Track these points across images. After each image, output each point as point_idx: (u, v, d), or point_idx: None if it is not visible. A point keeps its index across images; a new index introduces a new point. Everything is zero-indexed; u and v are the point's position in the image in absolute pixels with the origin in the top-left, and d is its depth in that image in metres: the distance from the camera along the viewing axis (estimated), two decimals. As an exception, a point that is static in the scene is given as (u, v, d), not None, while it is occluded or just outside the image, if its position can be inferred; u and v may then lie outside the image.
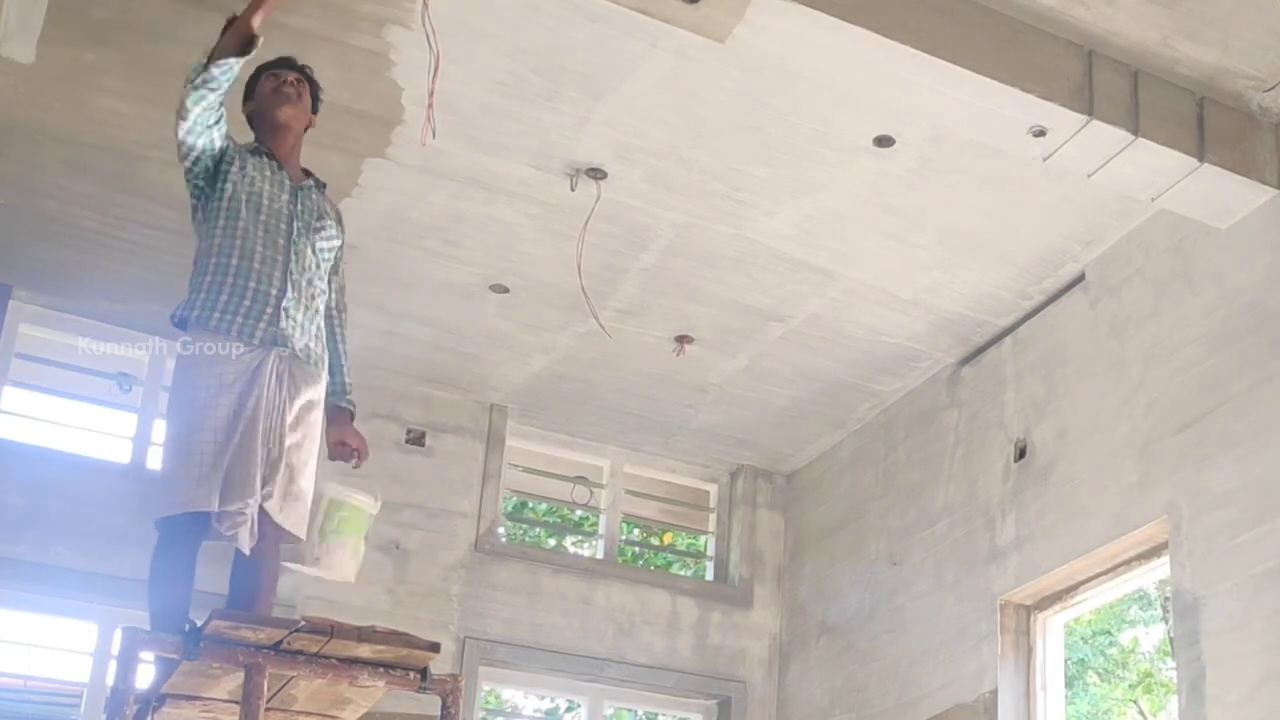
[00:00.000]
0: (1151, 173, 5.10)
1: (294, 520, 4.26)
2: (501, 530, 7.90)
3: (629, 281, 6.42)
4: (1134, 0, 4.71)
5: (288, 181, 4.40)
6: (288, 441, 4.19)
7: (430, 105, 4.66)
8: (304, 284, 4.31)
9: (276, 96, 4.45)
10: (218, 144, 4.27)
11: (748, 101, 5.21)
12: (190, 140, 4.22)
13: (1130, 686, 12.49)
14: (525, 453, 7.89)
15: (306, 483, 4.29)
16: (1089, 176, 5.15)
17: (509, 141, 5.48)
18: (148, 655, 4.03)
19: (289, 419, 4.21)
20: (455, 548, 7.37)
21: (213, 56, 4.16)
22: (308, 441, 4.29)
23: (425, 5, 4.64)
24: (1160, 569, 5.63)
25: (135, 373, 7.10)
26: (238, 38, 4.18)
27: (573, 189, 5.73)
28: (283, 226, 4.31)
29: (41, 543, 6.50)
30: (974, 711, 6.18)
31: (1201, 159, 5.03)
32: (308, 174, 4.53)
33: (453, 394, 7.53)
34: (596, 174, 5.66)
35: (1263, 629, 4.85)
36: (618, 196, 5.79)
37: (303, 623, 3.92)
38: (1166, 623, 11.69)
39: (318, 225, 4.43)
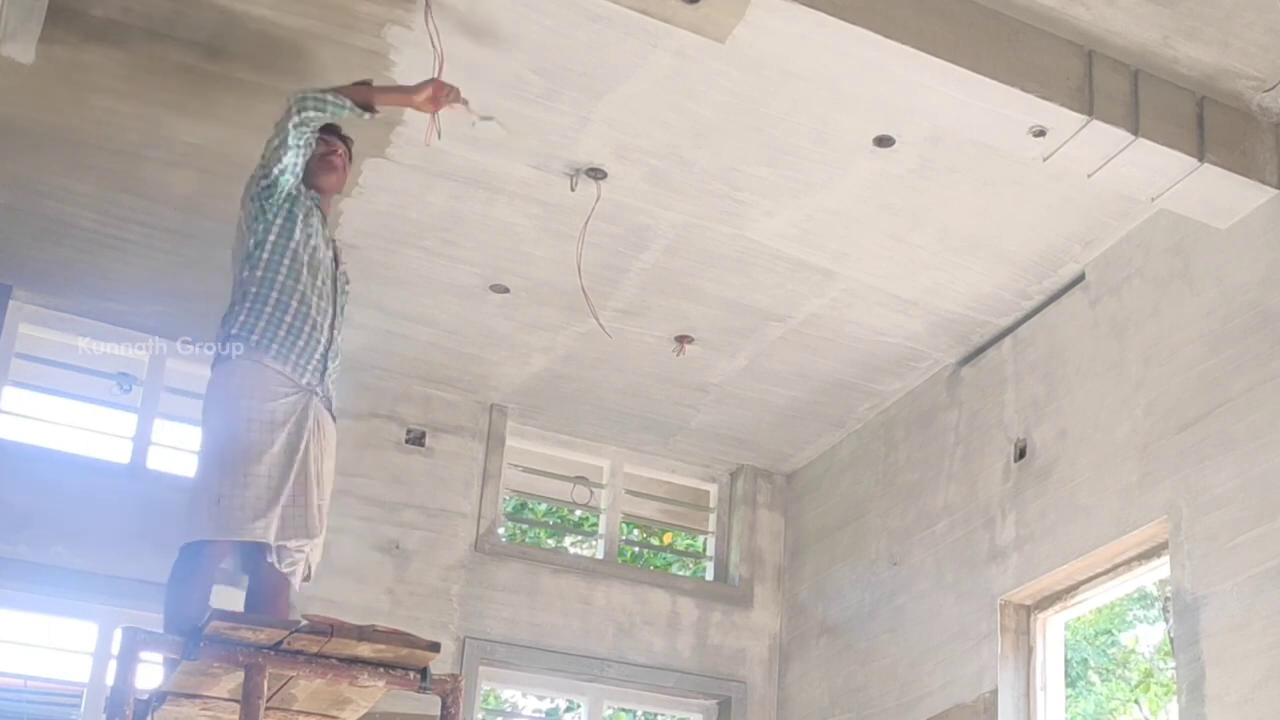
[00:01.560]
0: (1151, 173, 5.10)
1: (315, 564, 4.51)
2: (501, 530, 7.89)
3: (629, 281, 6.42)
4: (1134, 0, 4.71)
5: (334, 243, 4.67)
6: (327, 490, 4.43)
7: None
8: (339, 340, 4.57)
9: (325, 165, 4.66)
10: (298, 170, 4.46)
11: (747, 101, 5.20)
12: (283, 159, 4.39)
13: (1131, 687, 12.49)
14: (525, 453, 7.89)
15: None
16: (1089, 176, 5.16)
17: (509, 141, 5.48)
18: (154, 656, 4.05)
19: (328, 467, 4.45)
20: (455, 548, 7.37)
21: (333, 90, 4.41)
22: (330, 491, 4.53)
23: (428, 6, 4.66)
24: (1160, 569, 5.63)
25: (135, 373, 7.09)
26: (364, 96, 4.46)
27: (573, 189, 5.73)
28: (330, 283, 4.56)
29: (41, 543, 6.49)
30: (974, 711, 6.18)
31: (1201, 159, 5.03)
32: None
33: (453, 394, 7.53)
34: (596, 174, 5.66)
35: (1263, 629, 4.85)
36: (618, 196, 5.79)
37: (303, 622, 3.92)
38: (1167, 622, 11.69)
39: (346, 287, 4.73)
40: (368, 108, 4.48)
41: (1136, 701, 12.49)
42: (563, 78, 5.12)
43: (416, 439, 7.45)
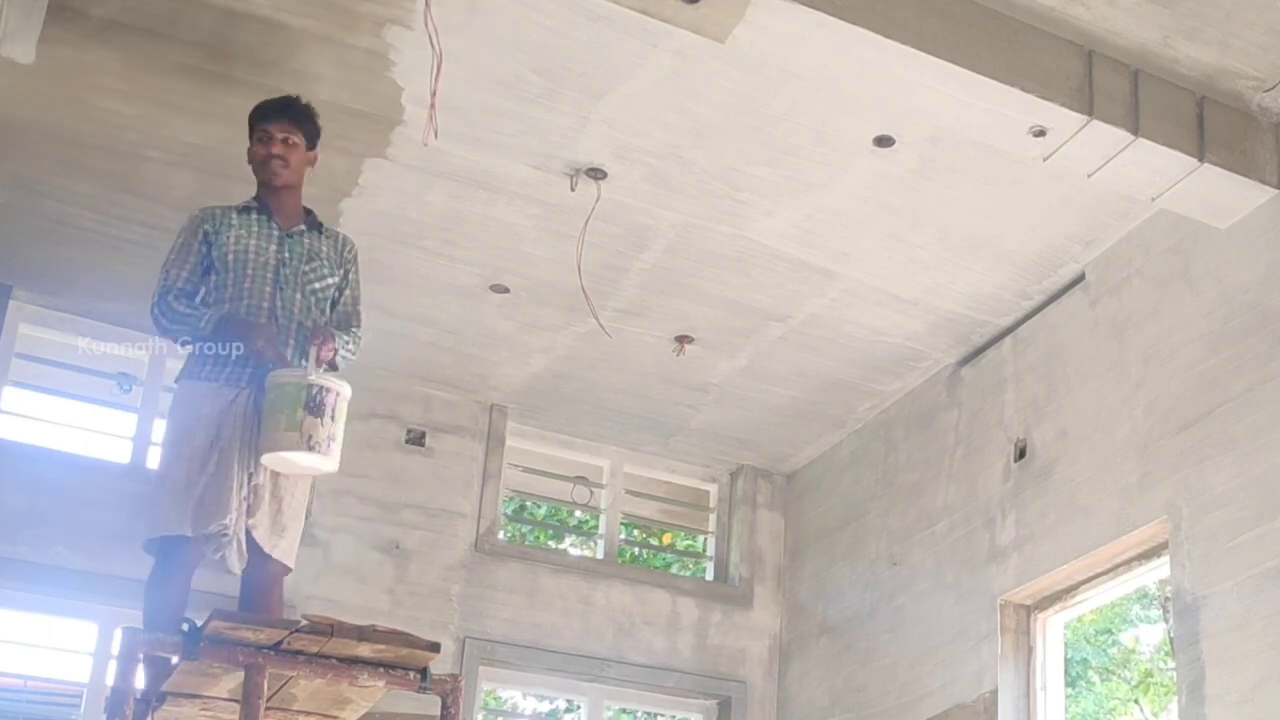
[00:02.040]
0: (1151, 173, 5.10)
1: (283, 549, 4.47)
2: (501, 533, 7.89)
3: (629, 281, 6.42)
4: (1134, 0, 4.71)
5: (276, 231, 4.62)
6: (269, 471, 4.38)
7: (433, 105, 4.68)
8: (292, 327, 4.52)
9: (264, 168, 4.64)
10: (197, 275, 4.59)
11: (747, 101, 5.20)
12: (177, 315, 4.54)
13: (1132, 687, 12.49)
14: (525, 453, 7.89)
15: (293, 514, 4.49)
16: (1089, 176, 5.15)
17: (509, 141, 5.48)
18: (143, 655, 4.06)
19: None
20: (455, 548, 7.37)
21: (204, 320, 4.47)
22: (298, 482, 4.49)
23: (428, 5, 4.65)
24: (1160, 569, 5.63)
25: (135, 373, 7.10)
26: (260, 342, 4.42)
27: (573, 189, 5.73)
28: (269, 275, 4.56)
29: (41, 543, 6.49)
30: (974, 711, 6.18)
31: (1201, 159, 5.03)
32: (308, 211, 4.73)
33: (453, 394, 7.53)
34: (596, 174, 5.66)
35: (1263, 629, 4.85)
36: (618, 196, 5.79)
37: (303, 622, 3.92)
38: (1167, 622, 11.69)
39: (307, 269, 4.63)
40: (260, 354, 4.44)
41: (1136, 702, 12.49)
42: (563, 78, 5.12)
43: (416, 439, 7.45)
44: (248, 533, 4.35)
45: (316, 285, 4.65)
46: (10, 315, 6.67)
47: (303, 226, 4.68)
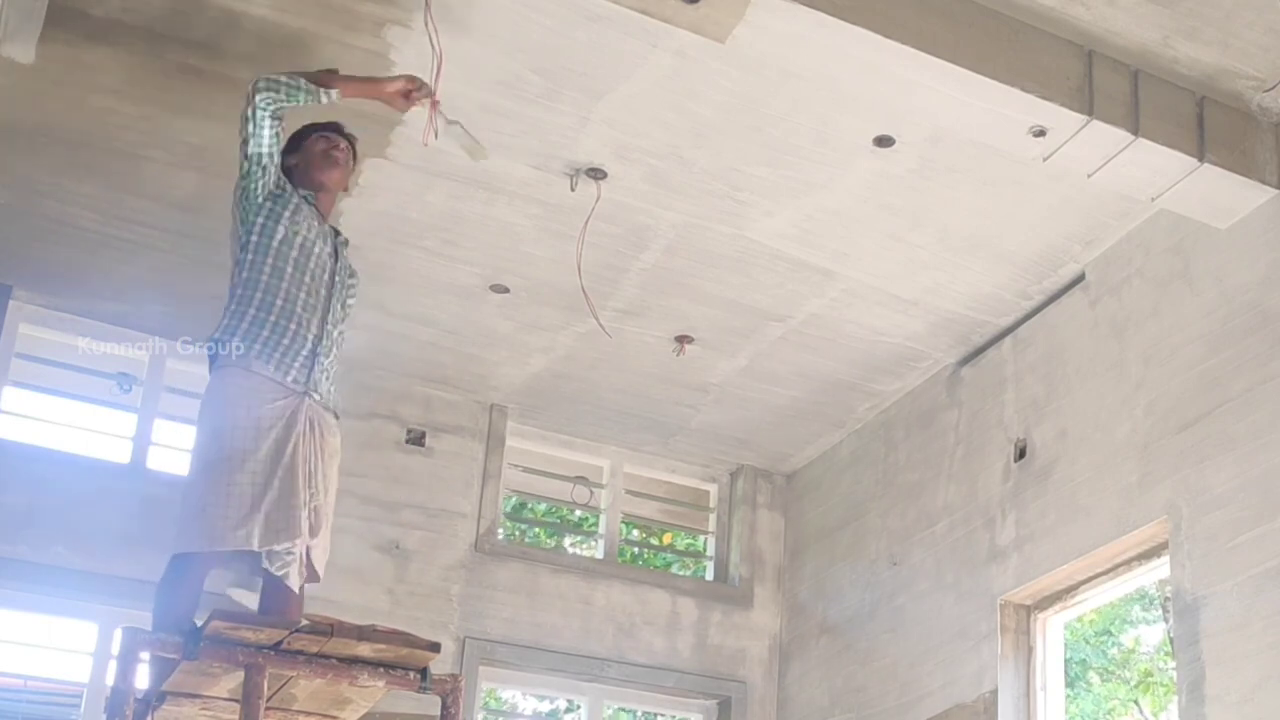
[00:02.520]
0: (1151, 173, 5.10)
1: (322, 564, 4.51)
2: (500, 530, 7.89)
3: (629, 281, 6.42)
4: (1134, 0, 4.71)
5: (330, 237, 4.60)
6: (324, 491, 4.39)
7: (433, 105, 4.68)
8: (335, 334, 4.52)
9: (327, 160, 4.63)
10: (273, 171, 4.42)
11: (747, 101, 5.20)
12: (256, 150, 4.35)
13: (1132, 687, 12.49)
14: (525, 453, 7.89)
15: (329, 529, 4.50)
16: (1089, 176, 5.15)
17: (509, 141, 5.48)
18: (146, 655, 4.06)
19: (322, 467, 4.39)
20: (455, 548, 7.36)
21: (290, 73, 4.39)
22: (332, 491, 4.51)
23: (428, 5, 4.65)
24: (1160, 569, 5.63)
25: (135, 373, 7.09)
26: (325, 81, 4.43)
27: (573, 189, 5.73)
28: (325, 278, 4.51)
29: (41, 543, 6.49)
30: (974, 711, 6.18)
31: (1201, 159, 5.03)
32: (336, 232, 4.75)
33: (453, 394, 7.53)
34: (596, 174, 5.66)
35: (1263, 629, 4.85)
36: (618, 196, 5.79)
37: (303, 622, 3.92)
38: (1167, 622, 11.69)
39: (349, 282, 4.68)
40: (327, 90, 4.42)
41: (1136, 702, 12.49)
42: (563, 78, 5.12)
43: (416, 439, 7.44)
44: (307, 551, 4.35)
45: (351, 300, 4.71)
46: (10, 315, 6.66)
47: (342, 238, 4.73)
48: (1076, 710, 12.01)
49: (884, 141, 5.38)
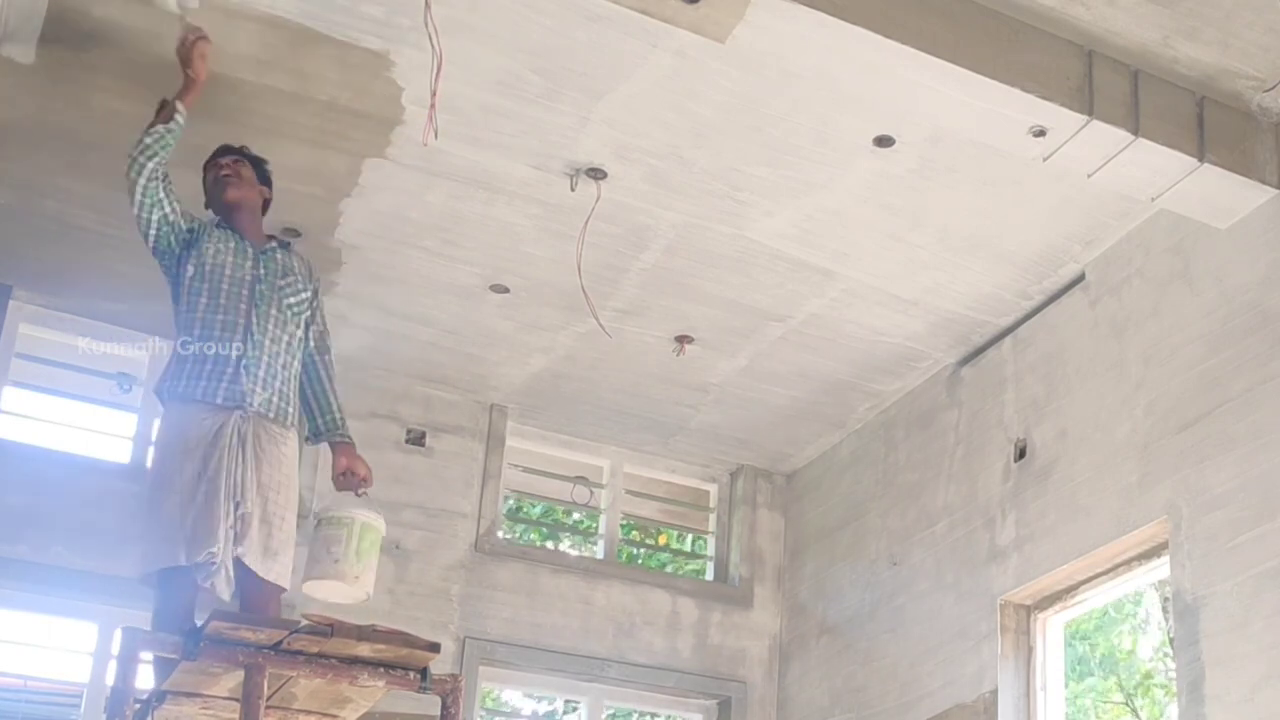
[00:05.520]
0: (1151, 173, 5.10)
1: (276, 572, 4.57)
2: (501, 532, 7.89)
3: (629, 281, 6.42)
4: (1134, 0, 4.71)
5: (250, 249, 4.85)
6: (257, 498, 4.51)
7: (432, 105, 4.68)
8: (266, 342, 4.72)
9: (219, 184, 4.97)
10: (175, 221, 4.75)
11: (747, 101, 5.20)
12: (145, 215, 4.70)
13: (1131, 687, 12.48)
14: (525, 453, 7.88)
15: (284, 537, 4.60)
16: (1089, 176, 5.15)
17: (509, 141, 5.48)
18: (147, 655, 4.07)
19: (259, 478, 4.54)
20: (455, 548, 7.36)
21: (144, 130, 4.66)
22: (281, 497, 4.62)
23: (428, 5, 4.65)
24: (1160, 569, 5.63)
25: (135, 373, 7.09)
26: (166, 113, 4.69)
27: (573, 189, 5.73)
28: (244, 293, 4.76)
29: (41, 543, 6.49)
30: (974, 711, 6.18)
31: (1201, 159, 5.03)
32: (271, 238, 5.03)
33: (453, 394, 7.53)
34: (596, 174, 5.66)
35: (1263, 629, 4.85)
36: (618, 196, 5.79)
37: (303, 622, 3.93)
38: (1167, 623, 11.68)
39: (282, 283, 4.87)
40: (175, 115, 4.66)
41: (1135, 703, 12.48)
42: (563, 78, 5.12)
43: (416, 439, 7.44)
44: (237, 560, 4.45)
45: (292, 300, 4.87)
46: (10, 315, 6.66)
47: (274, 244, 4.97)
48: (1077, 709, 12.00)
49: (884, 141, 5.38)
